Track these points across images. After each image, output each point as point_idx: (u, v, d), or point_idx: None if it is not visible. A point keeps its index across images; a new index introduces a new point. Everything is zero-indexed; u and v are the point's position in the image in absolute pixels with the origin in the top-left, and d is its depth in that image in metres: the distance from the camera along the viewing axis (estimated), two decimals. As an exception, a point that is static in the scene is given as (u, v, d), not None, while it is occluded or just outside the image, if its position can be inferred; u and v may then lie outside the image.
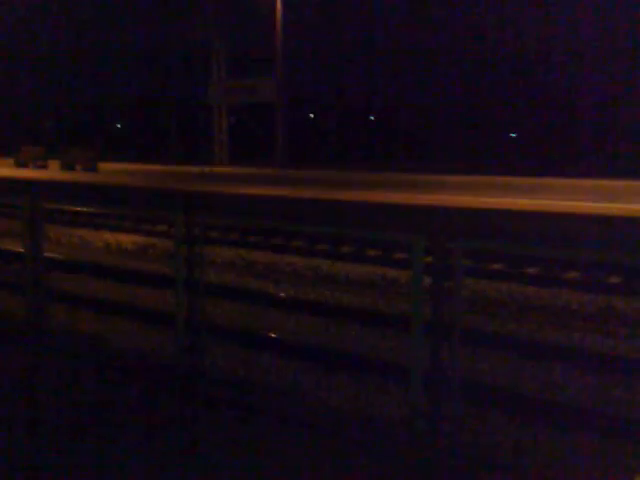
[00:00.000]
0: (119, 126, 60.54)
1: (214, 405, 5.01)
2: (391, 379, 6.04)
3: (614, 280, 9.74)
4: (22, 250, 6.85)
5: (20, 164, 38.91)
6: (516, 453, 4.96)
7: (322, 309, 8.50)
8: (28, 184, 23.27)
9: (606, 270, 9.94)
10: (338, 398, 5.81)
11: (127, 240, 14.84)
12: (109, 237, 15.26)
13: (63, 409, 5.01)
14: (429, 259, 4.43)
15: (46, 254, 6.97)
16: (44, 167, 38.10)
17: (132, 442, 4.44)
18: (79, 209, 17.84)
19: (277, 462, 4.22)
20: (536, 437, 5.16)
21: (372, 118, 47.79)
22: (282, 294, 9.35)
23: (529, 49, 36.73)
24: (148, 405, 5.03)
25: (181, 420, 4.90)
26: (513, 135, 41.35)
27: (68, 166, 35.94)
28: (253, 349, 7.05)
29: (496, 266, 10.76)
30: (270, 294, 9.37)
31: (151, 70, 51.51)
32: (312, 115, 49.32)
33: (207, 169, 28.90)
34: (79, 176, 28.55)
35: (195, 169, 29.18)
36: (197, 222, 5.78)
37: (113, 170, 32.54)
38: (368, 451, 4.40)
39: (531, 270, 10.48)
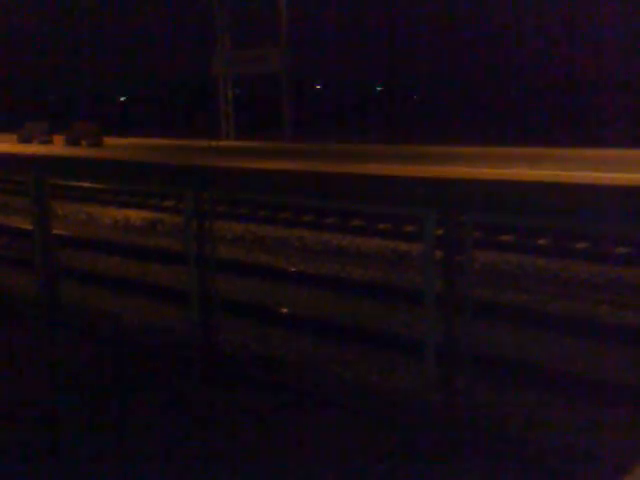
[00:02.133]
0: (123, 99, 60.21)
1: (230, 381, 5.05)
2: (404, 353, 6.06)
3: (623, 251, 9.70)
4: (30, 227, 6.87)
5: (24, 140, 38.80)
6: (528, 425, 4.99)
7: (333, 283, 8.52)
8: (32, 160, 23.28)
9: (615, 241, 9.89)
10: (352, 372, 5.84)
11: (135, 216, 14.86)
12: (117, 213, 15.28)
13: (81, 387, 5.06)
14: (440, 231, 4.42)
15: (54, 231, 6.99)
16: (48, 142, 38.01)
17: (151, 417, 4.49)
18: (86, 185, 17.83)
19: (292, 435, 4.26)
20: (548, 409, 5.18)
21: (379, 89, 47.31)
22: (293, 269, 9.36)
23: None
24: (165, 381, 5.08)
25: (198, 396, 4.94)
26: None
27: (73, 141, 35.84)
28: (266, 324, 7.08)
29: (506, 237, 10.73)
30: (280, 269, 9.39)
31: (155, 42, 51.06)
32: (319, 87, 48.88)
33: (213, 143, 28.76)
34: (84, 151, 28.50)
35: (202, 143, 29.04)
36: (206, 197, 5.78)
37: (119, 145, 32.45)
38: (383, 424, 4.43)
39: (542, 241, 10.45)
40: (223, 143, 30.61)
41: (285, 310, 7.45)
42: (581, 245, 10.08)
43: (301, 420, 4.45)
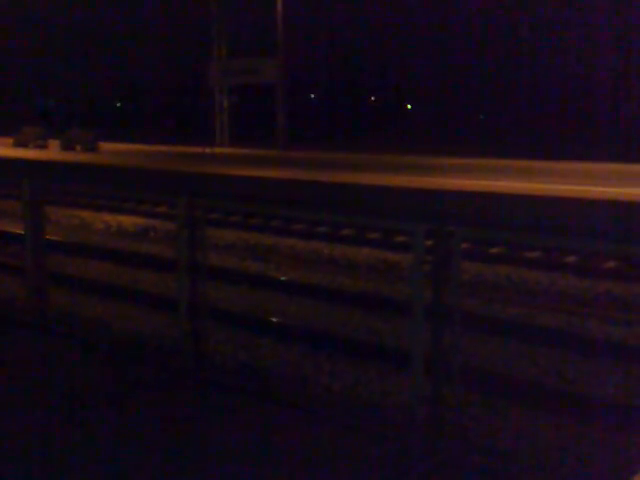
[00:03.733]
0: (119, 105, 60.24)
1: (217, 390, 5.05)
2: (393, 364, 6.07)
3: (611, 265, 9.77)
4: (22, 232, 6.87)
5: (20, 144, 38.77)
6: (516, 439, 5.01)
7: (323, 293, 8.53)
8: (27, 165, 23.23)
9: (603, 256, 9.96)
10: (340, 383, 5.85)
11: (128, 222, 14.85)
12: (109, 219, 15.26)
13: (66, 395, 5.05)
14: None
15: (47, 236, 6.98)
16: (44, 147, 37.97)
17: (138, 425, 4.49)
18: (79, 190, 17.81)
19: (277, 448, 4.26)
20: (536, 423, 5.20)
21: (373, 99, 47.52)
22: (283, 277, 9.37)
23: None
24: (152, 391, 5.07)
25: (185, 406, 4.94)
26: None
27: (68, 146, 35.84)
28: (255, 333, 7.08)
29: (495, 250, 10.79)
30: (271, 277, 9.40)
31: (153, 50, 51.18)
32: (313, 96, 49.07)
33: (208, 150, 28.80)
34: (79, 157, 28.48)
35: (197, 150, 29.08)
36: (199, 205, 5.79)
37: (114, 151, 32.45)
38: (369, 437, 4.44)
39: (531, 255, 10.50)
40: (217, 150, 30.66)
41: (275, 319, 7.46)
42: (570, 259, 10.15)
43: (286, 430, 4.46)
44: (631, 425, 5.07)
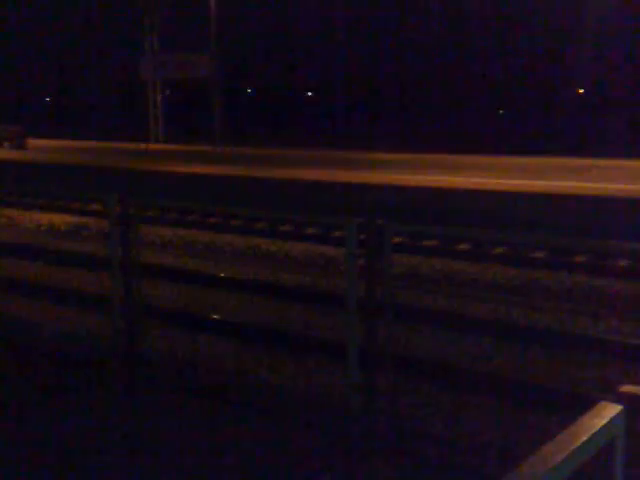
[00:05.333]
0: (48, 99, 58.48)
1: (150, 387, 5.05)
2: (330, 356, 6.18)
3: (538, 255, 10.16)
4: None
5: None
6: (447, 424, 5.18)
7: (262, 288, 8.58)
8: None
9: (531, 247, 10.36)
10: (278, 377, 5.92)
11: (59, 220, 14.52)
12: (40, 217, 14.89)
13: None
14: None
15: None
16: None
17: (68, 427, 4.45)
18: (7, 188, 17.30)
19: (213, 443, 4.30)
20: (468, 409, 5.39)
21: (310, 94, 47.63)
22: (222, 274, 9.37)
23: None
24: (85, 391, 5.03)
25: (118, 404, 4.92)
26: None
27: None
28: (192, 330, 7.08)
29: (429, 243, 11.06)
30: (210, 274, 9.38)
31: (84, 43, 49.89)
32: (249, 90, 48.81)
33: (142, 146, 28.34)
34: (7, 154, 27.59)
35: (130, 146, 28.58)
36: (131, 202, 5.76)
37: (44, 147, 31.55)
38: (305, 427, 4.53)
39: (462, 246, 10.82)
40: (152, 146, 30.21)
41: (213, 316, 7.47)
42: (499, 250, 10.50)
43: (222, 424, 4.50)
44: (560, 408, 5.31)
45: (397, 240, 10.60)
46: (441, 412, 5.31)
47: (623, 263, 9.55)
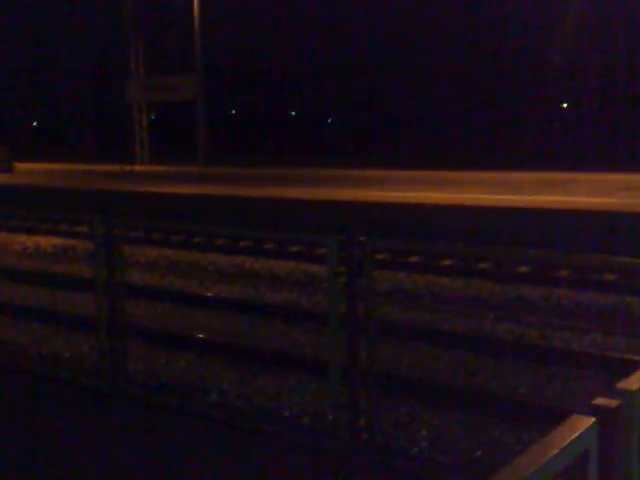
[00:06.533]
0: (35, 124, 58.41)
1: (135, 407, 5.05)
2: (313, 374, 6.20)
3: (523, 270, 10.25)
4: None
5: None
6: (432, 441, 5.20)
7: (245, 306, 8.61)
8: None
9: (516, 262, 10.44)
10: (261, 396, 5.92)
11: (46, 243, 14.48)
12: (26, 240, 14.84)
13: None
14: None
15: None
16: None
17: (52, 450, 4.44)
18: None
19: (197, 462, 4.30)
20: (451, 425, 5.42)
21: (293, 113, 47.90)
22: (208, 294, 9.39)
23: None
24: (63, 412, 5.02)
25: (98, 424, 4.91)
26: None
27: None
28: (176, 349, 7.08)
29: (413, 259, 11.13)
30: (194, 294, 9.39)
31: (70, 67, 49.98)
32: (234, 111, 49.02)
33: (127, 167, 28.37)
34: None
35: (116, 168, 28.59)
36: (116, 223, 5.79)
37: (31, 170, 31.49)
38: (288, 447, 4.54)
39: (446, 262, 10.89)
40: (137, 168, 30.23)
41: (197, 335, 7.47)
42: (484, 265, 10.58)
43: (206, 444, 4.51)
44: (540, 422, 5.34)
45: (380, 257, 10.67)
46: (425, 428, 5.33)
47: (611, 277, 9.61)
